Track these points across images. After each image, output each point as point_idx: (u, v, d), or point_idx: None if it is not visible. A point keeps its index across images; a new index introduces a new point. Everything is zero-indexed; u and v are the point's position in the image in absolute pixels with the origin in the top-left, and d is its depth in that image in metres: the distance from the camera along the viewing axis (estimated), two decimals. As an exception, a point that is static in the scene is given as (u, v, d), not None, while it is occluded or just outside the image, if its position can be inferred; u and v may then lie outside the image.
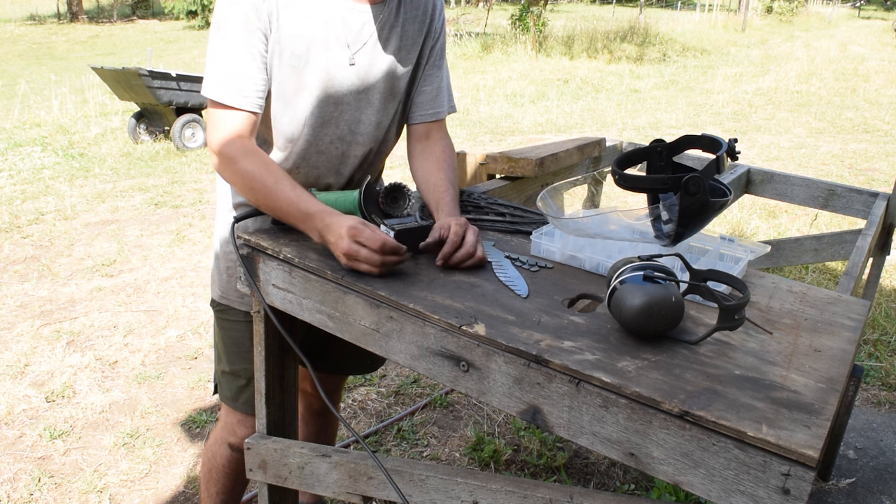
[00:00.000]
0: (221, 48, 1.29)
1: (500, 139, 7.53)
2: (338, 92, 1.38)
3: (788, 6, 24.86)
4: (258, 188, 1.28)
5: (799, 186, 2.52)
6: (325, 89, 1.36)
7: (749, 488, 0.84)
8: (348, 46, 1.35)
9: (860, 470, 2.32)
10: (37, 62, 15.66)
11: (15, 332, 3.19)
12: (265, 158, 1.31)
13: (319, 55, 1.33)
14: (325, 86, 1.36)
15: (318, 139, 1.41)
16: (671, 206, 1.13)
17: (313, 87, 1.35)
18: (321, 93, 1.36)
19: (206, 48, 1.34)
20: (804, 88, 10.93)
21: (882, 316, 3.35)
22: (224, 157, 1.30)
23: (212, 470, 1.67)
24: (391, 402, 2.66)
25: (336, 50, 1.34)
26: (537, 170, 2.15)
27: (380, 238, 1.16)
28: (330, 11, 1.32)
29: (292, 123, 1.38)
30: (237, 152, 1.29)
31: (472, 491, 1.18)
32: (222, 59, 1.29)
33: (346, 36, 1.34)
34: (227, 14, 1.28)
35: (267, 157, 1.32)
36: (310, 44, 1.32)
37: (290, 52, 1.31)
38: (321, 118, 1.39)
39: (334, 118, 1.40)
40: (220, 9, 1.29)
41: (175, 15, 24.01)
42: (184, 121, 6.87)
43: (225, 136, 1.30)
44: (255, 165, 1.28)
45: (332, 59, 1.34)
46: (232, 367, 1.55)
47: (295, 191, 1.27)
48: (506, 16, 18.30)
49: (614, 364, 0.95)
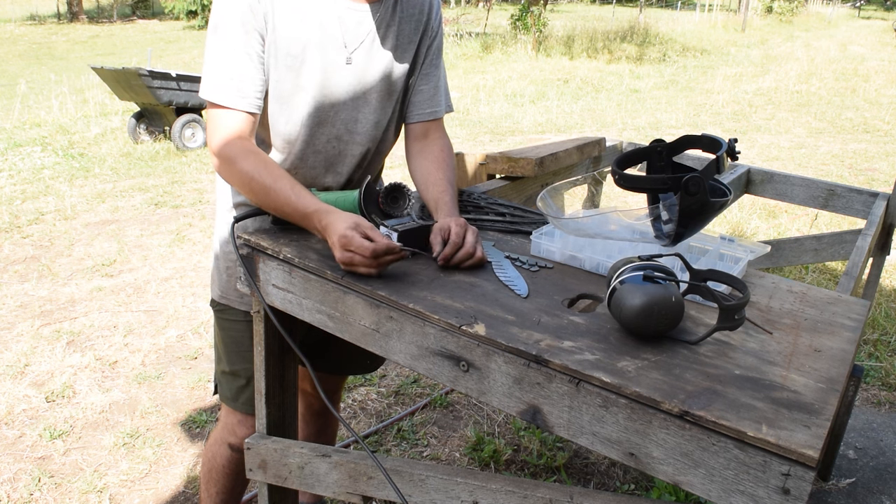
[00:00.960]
0: (219, 49, 1.30)
1: (500, 139, 7.53)
2: (334, 92, 1.38)
3: (788, 6, 24.86)
4: (257, 188, 1.29)
5: (799, 186, 2.52)
6: (322, 89, 1.36)
7: (749, 488, 0.84)
8: (345, 46, 1.35)
9: (860, 470, 2.32)
10: (37, 62, 15.66)
11: (15, 332, 3.19)
12: (264, 158, 1.31)
13: (315, 55, 1.33)
14: (322, 86, 1.36)
15: (315, 139, 1.41)
16: (671, 206, 1.13)
17: (309, 87, 1.35)
18: (317, 93, 1.36)
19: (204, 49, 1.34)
20: (804, 88, 10.93)
21: (882, 316, 3.35)
22: (223, 157, 1.31)
23: (212, 470, 1.67)
24: (391, 402, 2.66)
25: (332, 50, 1.34)
26: (537, 170, 2.15)
27: (369, 246, 1.14)
28: (326, 11, 1.32)
29: (289, 124, 1.38)
30: (236, 153, 1.30)
31: (472, 491, 1.18)
32: (220, 61, 1.30)
33: (343, 35, 1.35)
34: (223, 15, 1.28)
35: (266, 156, 1.32)
36: (305, 44, 1.32)
37: (285, 53, 1.31)
38: (317, 118, 1.39)
39: (330, 118, 1.40)
40: (217, 10, 1.29)
41: (175, 15, 24.01)
42: (184, 121, 6.87)
43: (224, 137, 1.31)
44: (254, 165, 1.29)
45: (329, 59, 1.35)
46: (232, 367, 1.55)
47: (294, 189, 1.27)
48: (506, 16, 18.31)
49: (614, 364, 0.95)
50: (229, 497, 1.70)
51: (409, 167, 1.52)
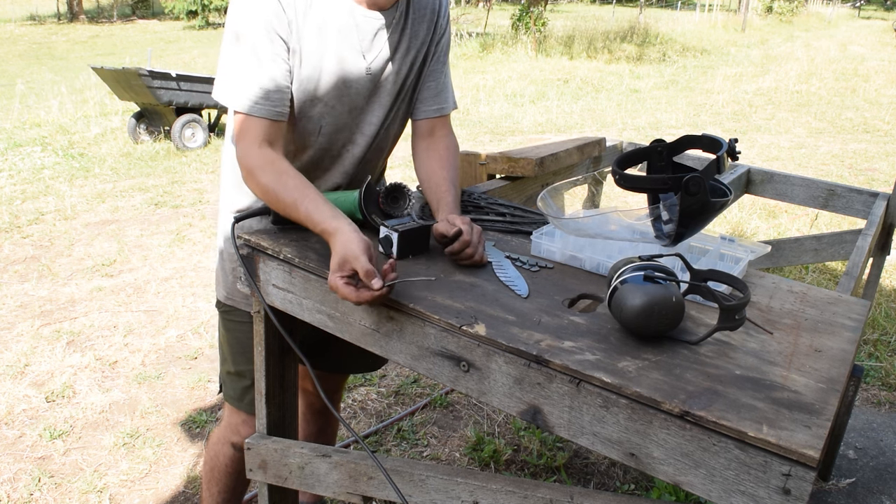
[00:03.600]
0: (245, 56, 1.28)
1: (500, 139, 7.53)
2: (353, 100, 1.38)
3: (788, 6, 24.86)
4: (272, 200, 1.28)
5: (799, 186, 2.52)
6: (341, 97, 1.37)
7: (749, 488, 0.84)
8: (364, 56, 1.35)
9: (860, 470, 2.32)
10: (37, 62, 15.65)
11: (15, 332, 3.19)
12: (285, 168, 1.28)
13: (333, 64, 1.33)
14: (341, 94, 1.36)
15: (332, 144, 1.42)
16: (671, 206, 1.13)
17: (328, 96, 1.35)
18: (336, 102, 1.37)
19: (221, 55, 1.33)
20: (804, 88, 10.93)
21: (882, 316, 3.35)
22: (246, 167, 1.29)
23: (214, 469, 1.67)
24: (391, 402, 2.66)
25: (351, 59, 1.34)
26: (537, 170, 2.15)
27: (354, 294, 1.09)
28: (343, 20, 1.32)
29: (305, 132, 1.39)
30: (259, 163, 1.27)
31: (473, 491, 1.18)
32: (246, 68, 1.28)
33: (361, 44, 1.34)
34: (248, 22, 1.26)
35: (287, 166, 1.29)
36: (324, 53, 1.32)
37: (306, 62, 1.31)
38: (335, 125, 1.39)
39: (348, 124, 1.41)
40: (240, 16, 1.27)
41: (175, 15, 24.01)
42: (184, 121, 6.87)
43: (249, 147, 1.29)
44: (273, 177, 1.26)
45: (348, 69, 1.35)
46: (237, 368, 1.55)
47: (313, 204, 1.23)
48: (506, 16, 18.32)
49: (615, 364, 0.95)
50: (231, 496, 1.70)
51: (415, 165, 1.52)
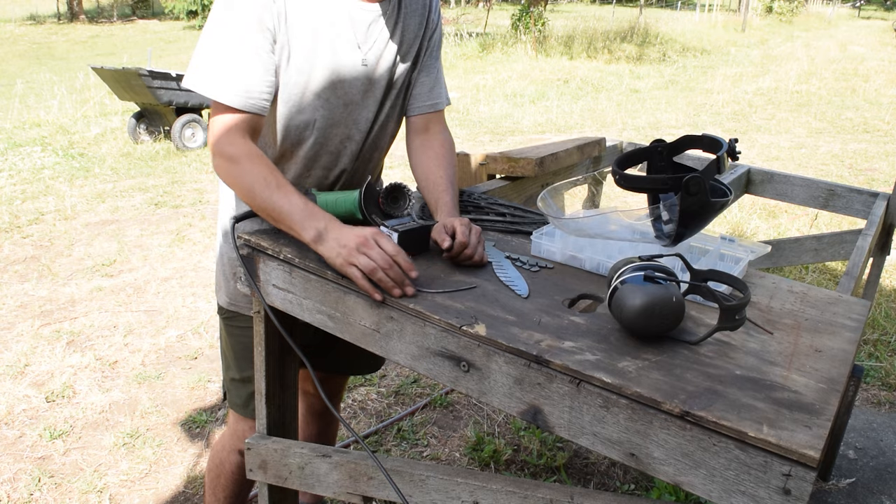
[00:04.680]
0: (227, 44, 1.23)
1: (500, 139, 7.52)
2: (348, 93, 1.36)
3: (788, 6, 24.86)
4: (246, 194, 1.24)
5: (799, 186, 2.52)
6: (335, 90, 1.34)
7: (750, 489, 0.84)
8: (359, 47, 1.33)
9: (860, 470, 2.32)
10: (37, 62, 15.65)
11: (15, 332, 3.19)
12: (263, 163, 1.25)
13: (327, 57, 1.31)
14: (335, 87, 1.33)
15: (328, 140, 1.39)
16: (672, 207, 1.13)
17: (322, 89, 1.32)
18: (331, 94, 1.34)
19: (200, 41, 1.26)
20: (804, 88, 10.93)
21: (882, 316, 3.35)
22: (223, 159, 1.25)
23: (220, 476, 1.65)
24: (391, 402, 2.66)
25: (345, 51, 1.32)
26: (537, 170, 2.15)
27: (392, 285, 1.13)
28: (336, 12, 1.30)
29: (300, 127, 1.35)
30: (236, 156, 1.24)
31: (473, 491, 1.18)
32: (228, 57, 1.23)
33: (356, 36, 1.32)
34: (235, 11, 1.22)
35: (266, 161, 1.25)
36: (316, 46, 1.29)
37: (297, 55, 1.28)
38: (330, 120, 1.36)
39: (343, 119, 1.38)
40: (227, 5, 1.23)
41: (175, 15, 24.00)
42: (184, 121, 6.87)
43: (225, 138, 1.25)
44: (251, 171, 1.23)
45: (342, 61, 1.32)
46: (242, 375, 1.52)
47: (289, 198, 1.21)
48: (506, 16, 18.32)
49: (615, 364, 0.95)
50: (236, 501, 1.70)
51: (411, 163, 1.50)
